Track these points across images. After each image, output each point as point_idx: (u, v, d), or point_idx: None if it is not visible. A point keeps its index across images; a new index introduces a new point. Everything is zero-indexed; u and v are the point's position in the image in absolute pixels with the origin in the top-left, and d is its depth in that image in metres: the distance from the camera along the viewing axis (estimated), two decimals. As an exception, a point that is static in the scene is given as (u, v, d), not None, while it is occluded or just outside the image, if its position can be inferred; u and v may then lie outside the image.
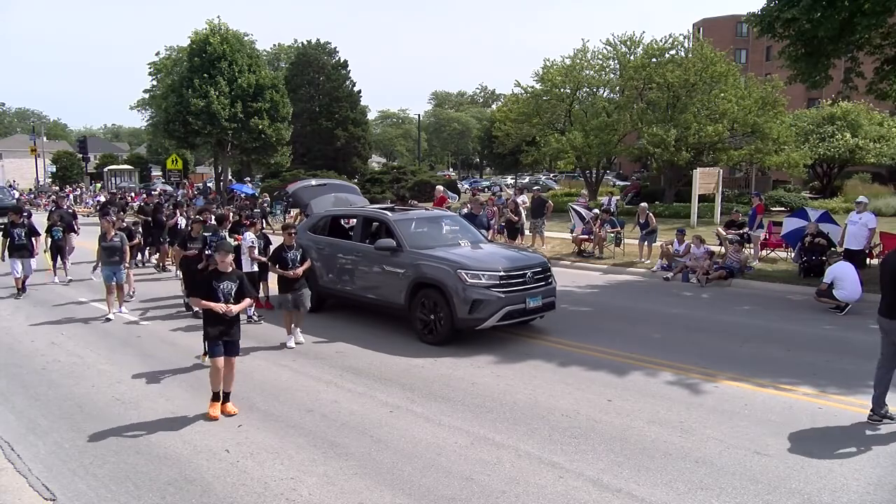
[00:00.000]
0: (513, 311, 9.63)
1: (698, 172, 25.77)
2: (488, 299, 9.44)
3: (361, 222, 11.71)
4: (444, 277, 9.66)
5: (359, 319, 11.37)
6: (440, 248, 10.47)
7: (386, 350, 9.69)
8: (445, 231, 11.61)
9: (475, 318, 9.49)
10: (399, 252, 10.37)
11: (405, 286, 10.14)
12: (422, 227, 11.28)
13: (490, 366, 8.87)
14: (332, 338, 10.43)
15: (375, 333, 10.56)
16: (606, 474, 5.79)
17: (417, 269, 10.05)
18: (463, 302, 9.43)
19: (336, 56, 62.95)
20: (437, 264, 9.88)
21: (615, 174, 60.21)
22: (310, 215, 12.93)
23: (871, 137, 36.13)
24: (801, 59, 15.60)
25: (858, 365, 8.75)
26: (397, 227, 10.76)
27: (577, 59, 35.06)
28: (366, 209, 12.65)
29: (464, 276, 9.51)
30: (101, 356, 9.65)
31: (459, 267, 9.63)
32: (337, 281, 11.59)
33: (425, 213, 12.43)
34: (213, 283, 7.23)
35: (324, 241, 11.99)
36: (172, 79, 45.28)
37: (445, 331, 9.73)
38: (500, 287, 9.58)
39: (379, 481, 5.73)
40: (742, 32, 63.31)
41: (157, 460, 6.19)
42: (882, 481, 5.64)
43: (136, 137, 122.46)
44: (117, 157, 78.44)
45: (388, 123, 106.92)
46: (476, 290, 9.45)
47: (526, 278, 9.89)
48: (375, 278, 10.81)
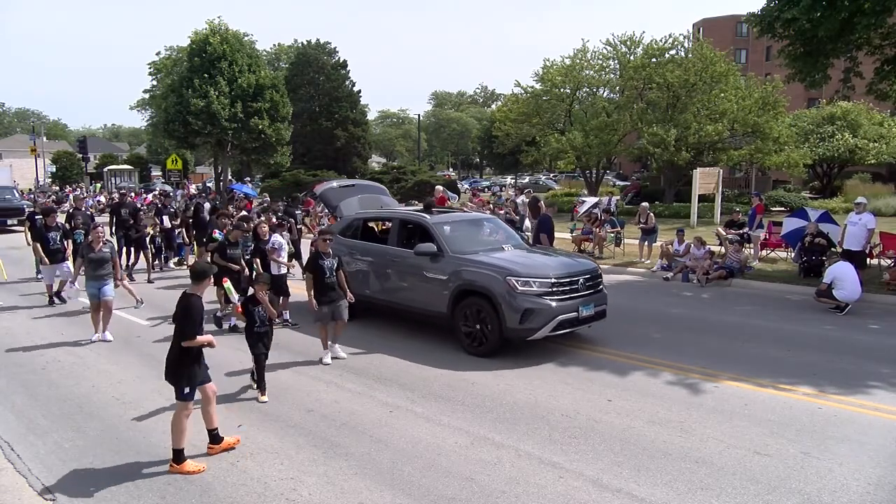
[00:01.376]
0: (565, 321, 9.04)
1: (698, 172, 25.78)
2: (540, 308, 8.85)
3: (397, 225, 11.04)
4: (492, 284, 9.07)
5: (360, 320, 11.35)
6: (483, 252, 9.92)
7: (386, 350, 9.69)
8: (487, 234, 11.10)
9: (526, 328, 8.88)
10: (440, 257, 9.79)
11: (448, 294, 9.57)
12: (463, 231, 10.72)
13: (490, 366, 8.86)
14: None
15: (377, 333, 10.55)
16: (606, 474, 5.80)
17: (462, 276, 9.47)
18: (513, 311, 8.83)
19: (336, 56, 62.93)
20: (484, 270, 9.29)
21: (615, 174, 60.20)
22: (340, 218, 12.35)
23: (871, 137, 36.14)
24: (800, 59, 15.62)
25: (858, 365, 8.74)
26: (437, 231, 10.16)
27: (577, 59, 35.08)
28: (402, 211, 12.17)
29: (514, 284, 8.91)
30: (102, 356, 9.65)
31: (509, 273, 9.02)
32: (371, 288, 10.97)
33: (465, 215, 11.80)
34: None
35: (356, 246, 11.36)
36: (172, 79, 45.29)
37: (494, 342, 9.10)
38: (552, 295, 9.00)
39: (379, 481, 5.73)
40: (742, 32, 63.30)
41: (157, 460, 6.19)
42: (882, 481, 5.64)
43: (136, 137, 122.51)
44: (117, 157, 78.44)
45: (388, 123, 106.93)
46: (527, 298, 8.86)
47: (578, 285, 9.34)
48: (414, 285, 10.23)
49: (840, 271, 11.91)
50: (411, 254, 10.14)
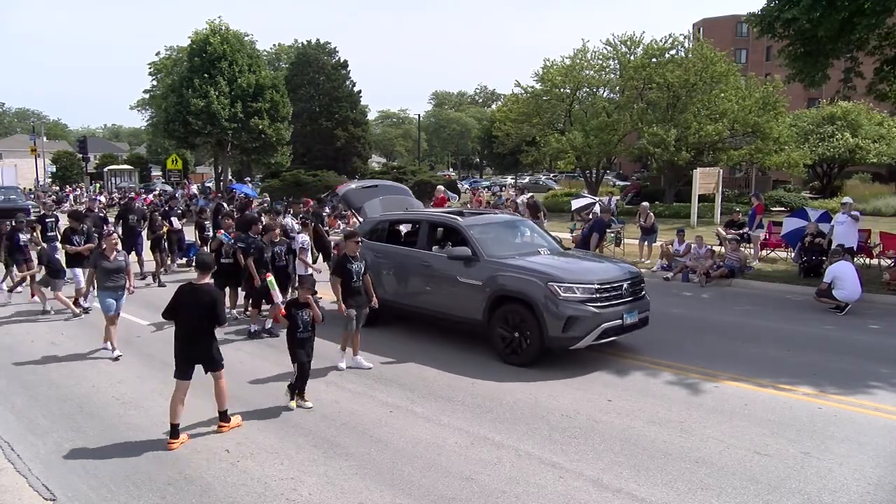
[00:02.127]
0: (610, 329, 8.62)
1: (698, 172, 25.79)
2: (584, 315, 8.41)
3: (427, 228, 10.50)
4: (532, 291, 8.61)
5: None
6: (520, 256, 9.48)
7: (386, 350, 9.69)
8: (520, 237, 10.64)
9: (569, 336, 8.44)
10: (475, 262, 9.31)
11: (483, 300, 9.09)
12: (496, 234, 10.26)
13: (489, 366, 8.86)
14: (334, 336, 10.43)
15: (377, 334, 10.54)
16: (606, 474, 5.80)
17: (498, 281, 9.00)
18: (555, 318, 8.39)
19: (336, 56, 62.93)
20: (523, 276, 8.81)
21: (615, 174, 60.22)
22: (364, 220, 11.88)
23: (871, 137, 36.16)
24: (800, 59, 15.63)
25: (858, 365, 8.74)
26: (472, 234, 9.67)
27: (577, 59, 35.08)
28: (433, 213, 11.65)
29: (556, 290, 8.45)
30: (98, 355, 9.65)
31: (551, 279, 8.56)
32: (398, 293, 10.50)
33: (498, 217, 11.41)
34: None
35: (383, 249, 10.83)
36: (172, 79, 45.30)
37: (533, 351, 8.67)
38: (596, 301, 8.56)
39: (379, 481, 5.73)
40: (742, 32, 63.29)
41: (156, 460, 6.20)
42: (882, 481, 5.64)
43: (136, 137, 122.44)
44: (117, 157, 78.40)
45: (388, 123, 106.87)
46: (570, 305, 8.41)
47: (622, 291, 8.92)
48: (446, 290, 9.74)
49: (840, 271, 11.91)
50: (443, 258, 9.74)
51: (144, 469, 6.03)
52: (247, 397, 7.84)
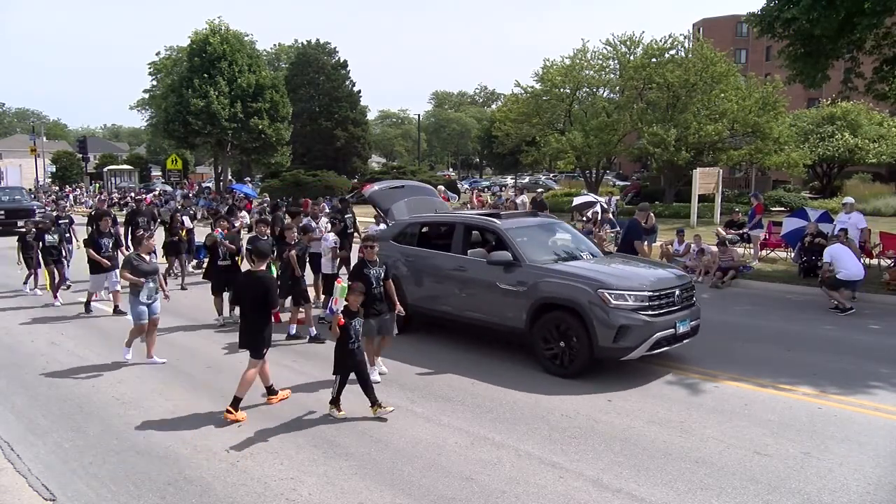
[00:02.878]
0: (662, 339, 8.18)
1: (698, 172, 25.80)
2: (636, 324, 7.95)
3: (462, 231, 9.97)
4: (580, 298, 8.14)
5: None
6: (562, 261, 9.10)
7: (386, 351, 9.68)
8: (562, 241, 10.11)
9: (621, 346, 7.99)
10: (516, 266, 8.85)
11: (526, 307, 8.64)
12: (537, 237, 9.81)
13: (489, 367, 8.86)
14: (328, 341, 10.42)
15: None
16: (606, 474, 5.80)
17: (543, 288, 8.53)
18: (606, 327, 7.93)
19: (336, 56, 62.99)
20: (570, 282, 8.35)
21: (615, 174, 60.26)
22: (392, 222, 11.37)
23: (871, 137, 36.17)
24: (800, 59, 15.63)
25: (858, 365, 8.74)
26: (512, 237, 9.21)
27: (577, 59, 35.09)
28: (467, 215, 11.19)
29: (607, 297, 7.99)
30: (102, 356, 9.65)
31: (601, 286, 8.10)
32: (431, 298, 10.03)
33: (536, 219, 10.82)
34: None
35: (414, 253, 10.33)
36: (172, 79, 45.30)
37: (582, 362, 8.22)
38: (649, 309, 8.13)
39: (379, 481, 5.73)
40: (742, 32, 63.32)
41: (156, 460, 6.20)
42: (882, 481, 5.64)
43: (136, 137, 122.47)
44: (117, 158, 78.41)
45: (388, 123, 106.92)
46: (622, 313, 7.96)
47: (674, 298, 8.50)
48: (484, 296, 9.24)
49: (836, 252, 12.01)
50: (482, 263, 9.31)
51: (144, 469, 6.02)
52: (246, 397, 7.82)
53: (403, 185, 12.71)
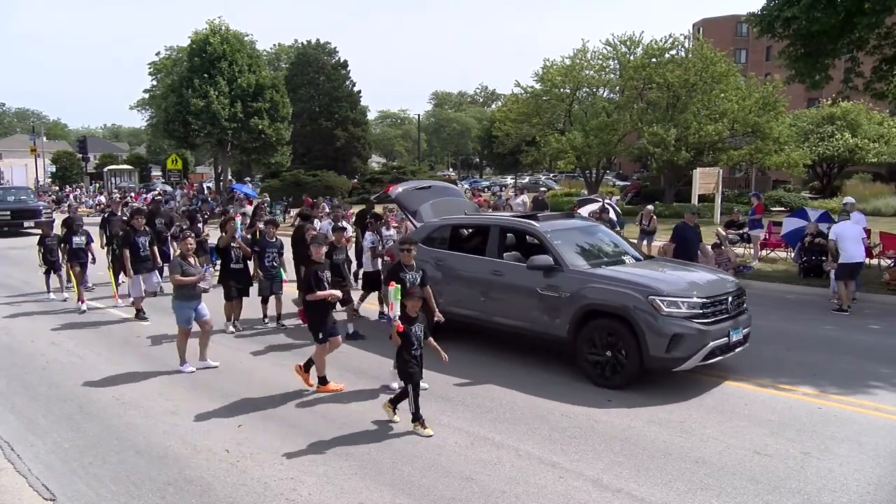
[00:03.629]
0: (717, 348, 7.79)
1: (698, 172, 25.79)
2: (690, 333, 7.55)
3: (497, 233, 9.55)
4: (630, 305, 7.72)
5: (364, 323, 11.34)
6: (606, 265, 8.71)
7: (385, 352, 9.68)
8: (601, 244, 9.66)
9: (673, 357, 7.59)
10: (558, 271, 8.42)
11: (569, 314, 8.21)
12: (577, 240, 9.36)
13: (488, 365, 8.85)
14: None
15: (377, 335, 10.54)
16: (606, 474, 5.80)
17: (588, 294, 8.10)
18: (659, 336, 7.53)
19: (336, 56, 62.99)
20: (618, 288, 7.94)
21: (615, 174, 60.25)
22: (421, 224, 10.91)
23: (871, 137, 36.17)
24: (800, 59, 15.63)
25: (858, 365, 8.73)
26: (552, 241, 8.79)
27: (577, 59, 35.09)
28: (504, 217, 10.75)
29: (659, 304, 7.60)
30: (102, 356, 9.65)
31: (652, 292, 7.70)
32: (462, 304, 9.53)
33: (576, 221, 10.38)
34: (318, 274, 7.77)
35: (445, 256, 9.87)
36: (172, 79, 45.30)
37: (631, 372, 7.79)
38: (702, 317, 7.73)
39: (379, 481, 5.73)
40: (742, 32, 63.33)
41: (156, 460, 6.20)
42: (882, 481, 5.64)
43: (136, 137, 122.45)
44: (117, 157, 78.39)
45: (388, 123, 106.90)
46: (675, 321, 7.55)
47: (727, 305, 8.14)
48: (522, 302, 8.80)
49: (841, 230, 12.07)
50: (520, 267, 8.86)
51: (144, 469, 6.02)
52: (247, 397, 7.83)
53: (430, 186, 12.28)
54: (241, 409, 7.42)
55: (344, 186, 43.99)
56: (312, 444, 6.52)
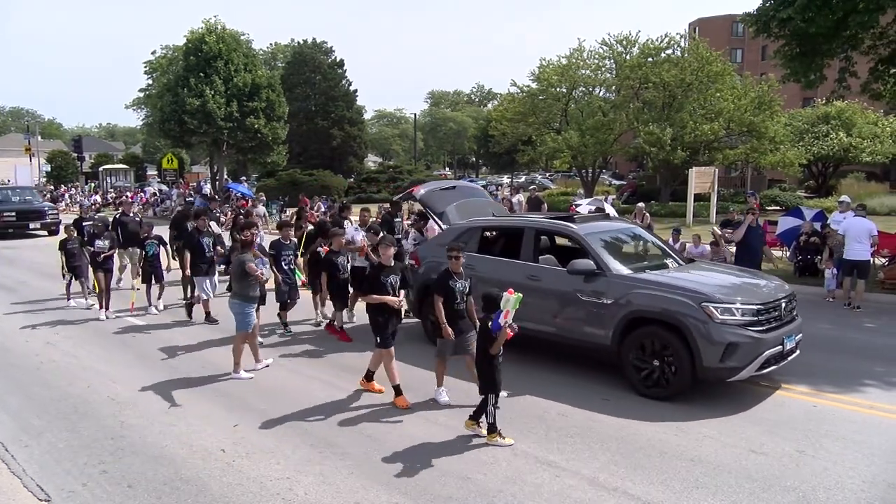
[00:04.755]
0: (771, 357, 7.41)
1: (694, 171, 25.85)
2: (745, 342, 7.17)
3: (532, 236, 9.10)
4: (681, 312, 7.33)
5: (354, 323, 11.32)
6: (650, 270, 8.33)
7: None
8: (642, 247, 9.42)
9: (728, 366, 7.19)
10: (600, 276, 8.03)
11: (613, 321, 7.83)
12: (617, 243, 9.04)
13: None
14: (324, 340, 10.43)
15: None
16: (602, 473, 5.80)
17: (634, 300, 7.72)
18: (712, 345, 7.13)
19: (332, 55, 62.91)
20: (668, 294, 7.55)
21: (611, 173, 60.33)
22: (447, 226, 10.47)
23: (866, 136, 36.28)
24: (795, 59, 15.68)
25: (854, 364, 8.76)
26: (592, 243, 8.41)
27: (574, 58, 35.11)
28: (538, 219, 10.15)
29: (712, 311, 7.21)
30: (97, 356, 9.63)
31: (706, 299, 7.32)
32: None
33: (614, 224, 9.94)
34: (380, 278, 7.51)
35: (475, 260, 9.27)
36: (168, 78, 45.20)
37: (682, 383, 7.38)
38: (757, 325, 7.37)
39: (375, 480, 5.73)
40: (738, 32, 63.37)
41: (152, 460, 6.18)
42: (876, 479, 5.66)
43: (132, 137, 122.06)
44: (112, 157, 78.05)
45: (385, 123, 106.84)
46: (730, 329, 7.17)
47: (781, 311, 7.78)
48: (561, 309, 8.43)
49: (849, 224, 12.26)
50: (560, 272, 8.42)
51: (140, 469, 6.01)
52: (242, 397, 7.83)
53: (455, 187, 11.84)
54: (237, 409, 7.41)
55: (340, 186, 43.97)
56: (309, 443, 6.52)
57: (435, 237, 11.04)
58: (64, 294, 13.25)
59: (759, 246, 12.04)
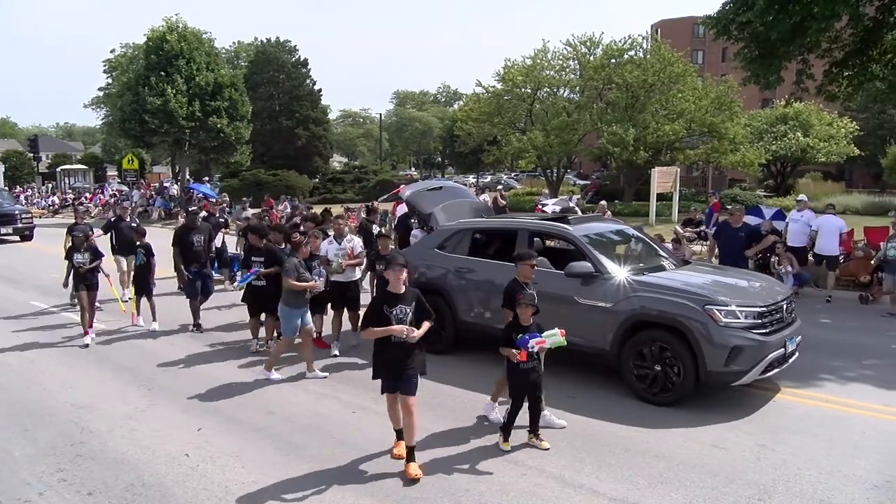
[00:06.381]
0: (775, 360, 7.31)
1: (656, 171, 26.21)
2: (749, 345, 7.04)
3: (526, 238, 8.83)
4: (684, 315, 7.18)
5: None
6: (650, 272, 8.16)
7: (352, 351, 9.63)
8: (639, 248, 9.17)
9: (733, 370, 7.07)
10: (598, 279, 7.85)
11: (613, 325, 7.64)
12: (614, 244, 8.90)
13: (447, 365, 8.83)
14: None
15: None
16: (568, 470, 5.85)
17: (635, 303, 7.54)
18: (717, 349, 7.00)
19: (296, 54, 62.32)
20: (670, 296, 7.40)
21: (576, 173, 60.89)
22: (435, 228, 10.18)
23: (822, 137, 37.25)
24: (755, 61, 16.01)
25: (811, 359, 8.92)
26: (589, 245, 8.22)
27: (538, 59, 35.33)
28: (531, 220, 9.69)
29: (716, 315, 7.09)
30: (55, 360, 9.40)
31: (709, 301, 7.20)
32: (486, 315, 8.84)
33: (608, 225, 9.69)
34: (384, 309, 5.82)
35: (467, 263, 9.16)
36: (128, 76, 44.26)
37: (685, 387, 7.23)
38: (761, 327, 7.25)
39: (342, 482, 5.69)
40: (699, 34, 64.41)
41: (113, 466, 6.06)
42: (833, 470, 5.81)
43: (91, 136, 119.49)
44: (71, 157, 76.47)
45: (350, 123, 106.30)
46: (734, 332, 7.05)
47: (783, 313, 7.67)
48: (558, 313, 7.74)
49: (823, 221, 13.37)
50: (557, 275, 8.10)
51: (100, 476, 5.88)
52: (206, 400, 7.72)
53: (441, 187, 11.56)
54: (201, 413, 7.31)
55: (305, 186, 43.63)
56: (274, 446, 6.45)
57: (421, 240, 10.78)
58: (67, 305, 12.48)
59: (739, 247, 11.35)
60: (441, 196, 10.89)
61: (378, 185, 43.52)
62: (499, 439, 6.37)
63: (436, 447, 6.36)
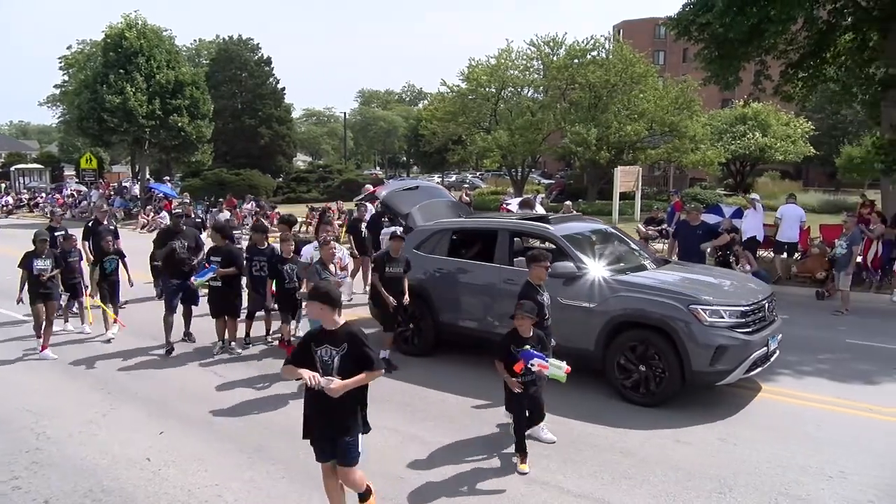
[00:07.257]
0: (758, 359, 7.32)
1: (619, 171, 26.52)
2: (734, 344, 7.05)
3: (507, 238, 8.79)
4: (668, 315, 7.17)
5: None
6: (633, 272, 8.13)
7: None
8: (620, 248, 9.07)
9: (718, 370, 7.07)
10: (580, 279, 7.83)
11: (597, 326, 7.60)
12: (596, 244, 8.77)
13: (414, 364, 8.85)
14: (269, 352, 10.23)
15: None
16: (534, 468, 5.90)
17: (619, 304, 7.51)
18: (702, 348, 6.99)
19: (259, 52, 61.61)
20: (654, 296, 7.38)
21: (540, 173, 61.32)
22: (412, 228, 9.91)
23: (779, 137, 38.16)
24: (714, 62, 16.35)
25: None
26: (571, 245, 8.17)
27: (502, 58, 35.51)
28: (512, 220, 9.73)
29: (701, 314, 7.09)
30: (11, 365, 9.14)
31: (693, 301, 7.19)
32: (466, 316, 8.85)
33: (589, 224, 9.68)
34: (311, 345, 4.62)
35: (446, 264, 9.11)
36: (86, 74, 43.23)
37: (670, 387, 7.24)
38: (745, 326, 7.28)
39: (307, 485, 5.64)
40: (660, 35, 65.41)
41: (71, 472, 5.92)
42: (790, 462, 5.96)
43: (47, 135, 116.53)
44: (26, 156, 74.43)
45: (314, 122, 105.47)
46: (719, 332, 7.05)
47: (765, 312, 7.74)
48: None
49: (786, 211, 14.13)
50: None
51: (57, 483, 5.74)
52: (167, 403, 7.59)
53: (418, 187, 11.48)
54: (162, 416, 7.18)
55: (269, 186, 43.17)
56: (238, 449, 6.38)
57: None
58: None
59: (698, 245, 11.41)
60: (418, 196, 10.75)
61: (343, 185, 43.31)
62: (515, 460, 5.97)
63: (396, 448, 6.36)
